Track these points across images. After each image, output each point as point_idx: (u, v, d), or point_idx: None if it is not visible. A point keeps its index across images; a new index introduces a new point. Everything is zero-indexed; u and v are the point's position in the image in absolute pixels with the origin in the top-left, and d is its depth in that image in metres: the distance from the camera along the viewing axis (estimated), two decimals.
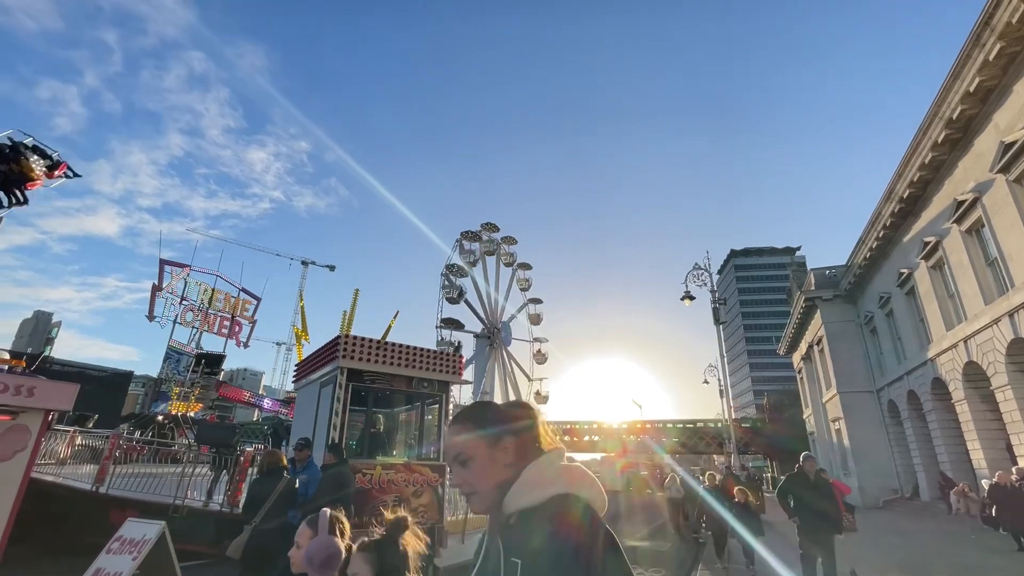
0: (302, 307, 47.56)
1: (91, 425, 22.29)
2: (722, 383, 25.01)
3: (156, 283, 31.68)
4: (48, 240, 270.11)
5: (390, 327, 14.65)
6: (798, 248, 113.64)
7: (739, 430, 50.79)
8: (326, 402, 8.28)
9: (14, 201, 9.52)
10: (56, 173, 9.99)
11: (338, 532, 2.09)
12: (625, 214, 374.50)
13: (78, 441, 13.48)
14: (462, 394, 40.96)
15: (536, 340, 47.75)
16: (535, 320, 47.47)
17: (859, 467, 25.80)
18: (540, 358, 47.78)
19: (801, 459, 7.56)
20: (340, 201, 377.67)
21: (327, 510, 2.22)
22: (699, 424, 57.76)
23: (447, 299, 38.93)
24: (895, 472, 25.35)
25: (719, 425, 54.76)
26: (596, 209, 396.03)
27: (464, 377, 12.81)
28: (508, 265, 44.60)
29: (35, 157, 9.56)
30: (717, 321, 17.61)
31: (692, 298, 17.64)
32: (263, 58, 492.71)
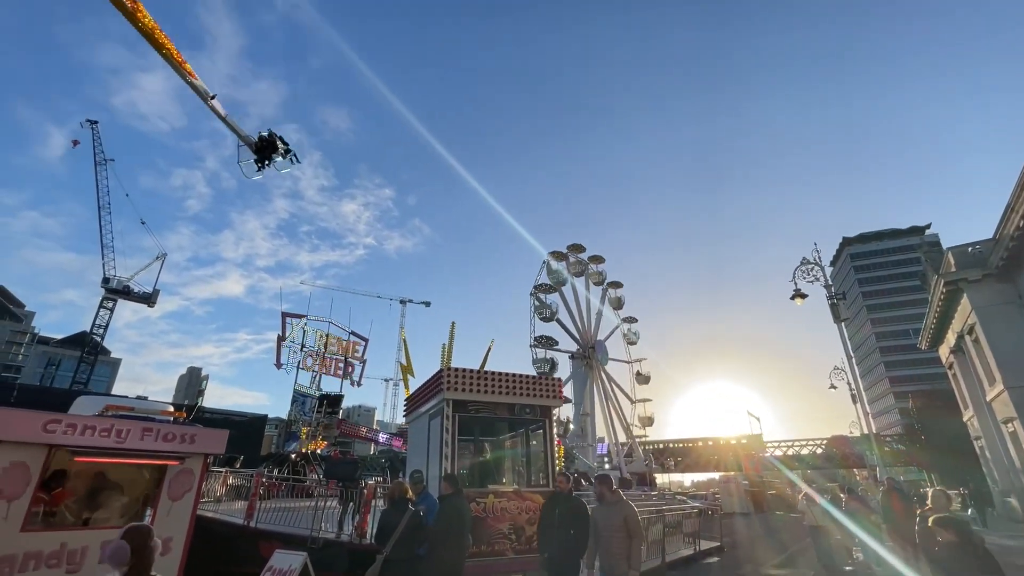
0: (405, 344, 50.27)
1: (238, 465, 25.21)
2: (852, 387, 22.26)
3: (280, 334, 35.36)
4: (191, 305, 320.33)
5: (487, 356, 15.01)
6: (927, 226, 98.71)
7: (880, 439, 44.73)
8: (436, 433, 8.57)
9: (266, 164, 15.15)
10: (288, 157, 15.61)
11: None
12: (722, 216, 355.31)
13: (229, 480, 15.27)
14: (562, 415, 40.60)
15: (626, 320, 46.24)
16: (630, 339, 46.19)
17: None
18: (641, 378, 46.20)
19: None
20: (424, 239, 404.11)
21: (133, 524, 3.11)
22: (831, 437, 51.92)
23: (540, 318, 39.27)
24: None
25: (852, 434, 48.52)
26: (693, 214, 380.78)
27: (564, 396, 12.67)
28: (598, 284, 44.32)
29: (280, 142, 15.41)
30: (837, 318, 15.81)
31: (804, 296, 15.99)
32: (346, 119, 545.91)
